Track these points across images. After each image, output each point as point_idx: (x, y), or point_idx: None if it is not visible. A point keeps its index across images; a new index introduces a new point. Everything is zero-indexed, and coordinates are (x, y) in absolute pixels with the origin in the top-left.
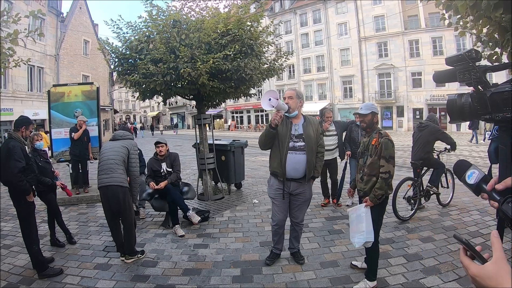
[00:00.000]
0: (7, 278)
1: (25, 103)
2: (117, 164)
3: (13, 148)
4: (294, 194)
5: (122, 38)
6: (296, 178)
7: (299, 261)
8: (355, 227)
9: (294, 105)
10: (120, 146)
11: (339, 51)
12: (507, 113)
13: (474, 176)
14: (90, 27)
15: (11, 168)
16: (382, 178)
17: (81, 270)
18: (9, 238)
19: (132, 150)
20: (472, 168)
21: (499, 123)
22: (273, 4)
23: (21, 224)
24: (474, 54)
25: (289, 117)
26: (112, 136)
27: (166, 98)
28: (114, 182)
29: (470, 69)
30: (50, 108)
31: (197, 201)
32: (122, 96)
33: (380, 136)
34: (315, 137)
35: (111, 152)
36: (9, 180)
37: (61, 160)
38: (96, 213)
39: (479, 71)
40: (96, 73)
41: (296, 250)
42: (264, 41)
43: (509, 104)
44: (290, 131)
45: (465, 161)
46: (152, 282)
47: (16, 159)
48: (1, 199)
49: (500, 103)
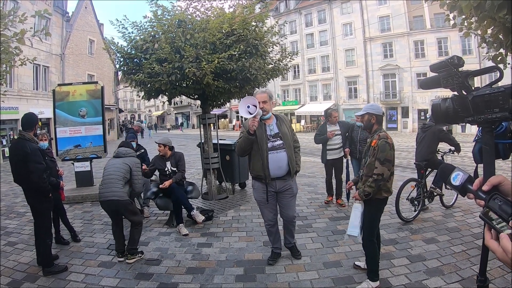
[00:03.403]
0: (12, 275)
1: (30, 101)
2: (117, 179)
3: (33, 151)
4: (280, 192)
5: (127, 37)
6: (280, 176)
7: (296, 256)
8: (351, 220)
9: (269, 107)
10: (121, 163)
11: (344, 52)
12: (488, 115)
13: (459, 177)
14: (96, 26)
15: (35, 171)
16: (373, 179)
17: (85, 267)
18: (14, 235)
19: (134, 168)
20: (457, 170)
21: (481, 124)
22: (278, 4)
23: (36, 220)
24: (456, 60)
25: (263, 119)
26: (115, 153)
27: (171, 97)
28: (113, 196)
29: (453, 74)
30: (55, 107)
31: (201, 201)
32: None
33: (379, 138)
34: (290, 134)
35: (112, 168)
36: (35, 183)
37: (66, 159)
38: (100, 211)
39: (462, 76)
40: (101, 72)
41: (292, 244)
42: (269, 41)
43: (490, 106)
44: (265, 132)
45: (449, 164)
46: (156, 280)
47: (38, 161)
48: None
49: (481, 106)
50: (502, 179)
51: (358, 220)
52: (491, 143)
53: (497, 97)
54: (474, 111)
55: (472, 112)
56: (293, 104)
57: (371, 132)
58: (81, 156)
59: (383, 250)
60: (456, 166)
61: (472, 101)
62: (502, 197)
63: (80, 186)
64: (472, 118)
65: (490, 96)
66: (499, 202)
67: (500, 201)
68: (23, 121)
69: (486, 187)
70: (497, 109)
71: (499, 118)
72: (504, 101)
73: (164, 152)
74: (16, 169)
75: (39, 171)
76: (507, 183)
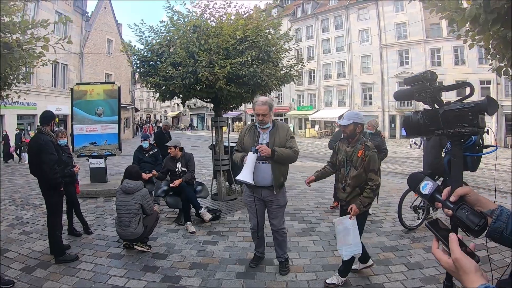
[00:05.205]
0: (25, 261)
1: (48, 98)
2: (131, 220)
3: (46, 143)
4: (267, 201)
5: (144, 41)
6: (266, 186)
7: (282, 272)
8: (342, 239)
9: (268, 119)
10: (132, 203)
11: (360, 58)
12: (457, 129)
13: (428, 186)
14: (114, 26)
15: (47, 161)
16: (371, 189)
17: (95, 258)
18: (28, 225)
19: (144, 202)
20: (426, 180)
21: (450, 138)
22: (295, 9)
23: (48, 212)
24: (429, 75)
25: (262, 128)
26: (123, 188)
27: (185, 100)
28: (132, 236)
29: (426, 88)
30: (73, 105)
31: (211, 201)
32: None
33: (367, 148)
34: (281, 144)
35: (124, 210)
36: (46, 173)
37: (81, 155)
38: (112, 206)
39: (434, 90)
40: (119, 72)
41: (283, 259)
42: (282, 48)
43: (460, 120)
44: (257, 141)
45: (418, 173)
46: (161, 273)
47: (50, 152)
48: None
49: (451, 120)
50: (469, 190)
51: (358, 237)
52: (459, 155)
53: (466, 112)
54: (444, 125)
55: (442, 126)
56: (307, 109)
57: (352, 141)
58: (96, 153)
59: (382, 256)
60: (426, 175)
61: (443, 115)
62: (469, 207)
63: (94, 182)
64: (442, 131)
65: (460, 111)
66: (467, 212)
67: (467, 211)
68: (41, 117)
69: (453, 198)
70: (466, 124)
71: (468, 133)
72: (473, 117)
73: (175, 154)
74: (31, 159)
75: (51, 161)
76: (473, 194)
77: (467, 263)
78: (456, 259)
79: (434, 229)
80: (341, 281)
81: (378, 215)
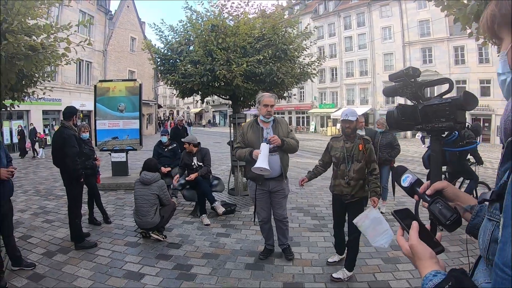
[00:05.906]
0: (47, 246)
1: (73, 94)
2: (148, 210)
3: (68, 137)
4: (273, 192)
5: (164, 40)
6: (274, 177)
7: (288, 257)
8: (374, 231)
9: (272, 111)
10: (149, 194)
11: (383, 56)
12: (435, 124)
13: (408, 179)
14: (137, 24)
15: (69, 153)
16: (376, 177)
17: (113, 245)
18: (52, 214)
19: (161, 193)
20: (407, 173)
21: (429, 132)
22: (317, 6)
23: (69, 202)
24: (411, 72)
25: (265, 122)
26: (141, 179)
27: (204, 97)
28: (149, 225)
29: (408, 85)
30: (96, 101)
31: (227, 195)
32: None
33: (366, 142)
34: (284, 136)
35: (142, 200)
36: (68, 164)
37: (104, 149)
38: (132, 198)
39: (415, 86)
40: (142, 69)
41: (286, 246)
42: (299, 46)
43: (438, 115)
44: (262, 136)
45: (403, 166)
46: (174, 261)
47: (72, 145)
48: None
49: (430, 115)
50: (446, 185)
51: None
52: (438, 150)
53: (444, 107)
54: (422, 120)
55: (421, 120)
56: (329, 107)
57: (352, 136)
58: (118, 147)
59: (391, 254)
60: (408, 169)
61: (422, 110)
62: (444, 202)
63: (116, 175)
64: (421, 126)
65: (438, 106)
66: (440, 206)
67: (441, 205)
68: (64, 112)
69: (430, 192)
70: (444, 119)
71: (445, 127)
72: (450, 112)
73: (190, 149)
74: (54, 152)
75: (73, 154)
76: (451, 189)
77: (422, 249)
78: (412, 245)
79: (399, 218)
80: (347, 276)
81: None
